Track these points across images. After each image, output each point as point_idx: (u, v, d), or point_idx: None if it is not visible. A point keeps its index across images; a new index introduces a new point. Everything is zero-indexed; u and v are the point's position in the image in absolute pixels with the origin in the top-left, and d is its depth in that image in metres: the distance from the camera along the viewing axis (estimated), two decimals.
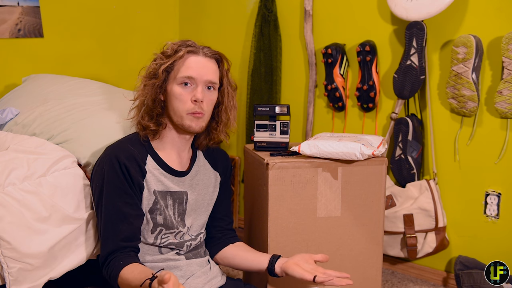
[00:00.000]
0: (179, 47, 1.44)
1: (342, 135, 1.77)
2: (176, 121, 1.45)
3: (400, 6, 2.14)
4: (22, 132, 1.75)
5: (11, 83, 2.25)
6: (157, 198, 1.44)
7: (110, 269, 1.35)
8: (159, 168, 1.46)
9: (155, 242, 1.46)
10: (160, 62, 1.43)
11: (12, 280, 1.33)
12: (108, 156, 1.42)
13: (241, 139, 2.89)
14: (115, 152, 1.42)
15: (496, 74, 2.07)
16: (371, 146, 1.63)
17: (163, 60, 1.43)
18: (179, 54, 1.42)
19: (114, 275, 1.33)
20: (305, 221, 1.68)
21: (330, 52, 2.39)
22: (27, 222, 1.36)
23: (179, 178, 1.50)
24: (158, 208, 1.44)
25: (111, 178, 1.39)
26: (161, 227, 1.45)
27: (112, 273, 1.34)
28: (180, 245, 1.49)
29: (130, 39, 2.79)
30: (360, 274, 1.74)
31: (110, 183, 1.39)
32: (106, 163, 1.41)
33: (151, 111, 1.45)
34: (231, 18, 2.86)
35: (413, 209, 2.21)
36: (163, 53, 1.45)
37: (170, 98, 1.44)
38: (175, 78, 1.43)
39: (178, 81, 1.43)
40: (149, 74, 1.45)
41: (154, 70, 1.44)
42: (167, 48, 1.46)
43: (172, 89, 1.43)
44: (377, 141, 1.73)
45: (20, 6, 2.25)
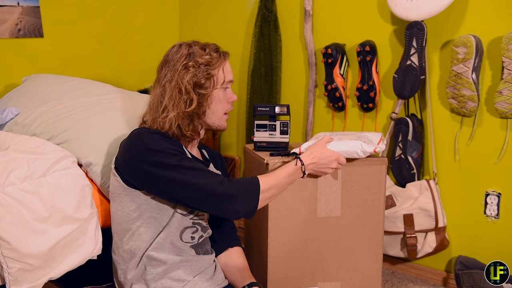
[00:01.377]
0: (217, 53, 1.47)
1: (341, 134, 1.77)
2: (213, 123, 1.49)
3: (400, 6, 2.14)
4: (22, 132, 1.75)
5: (11, 83, 2.25)
6: None
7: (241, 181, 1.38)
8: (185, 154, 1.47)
9: (189, 214, 1.45)
10: (206, 70, 1.43)
11: (12, 280, 1.33)
12: (146, 138, 1.38)
13: (241, 139, 2.89)
14: (146, 133, 1.39)
15: (496, 74, 2.07)
16: (371, 143, 1.63)
17: (210, 67, 1.44)
18: (221, 60, 1.47)
19: (254, 181, 1.38)
20: (305, 221, 1.68)
21: (330, 52, 2.39)
22: (27, 222, 1.36)
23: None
24: None
25: (165, 146, 1.35)
26: None
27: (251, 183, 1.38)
28: (204, 229, 1.50)
29: (130, 39, 2.79)
30: (360, 274, 1.74)
31: (169, 149, 1.35)
32: (150, 142, 1.36)
33: (193, 119, 1.45)
34: (231, 18, 2.86)
35: (413, 209, 2.21)
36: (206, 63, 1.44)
37: (212, 102, 1.46)
38: (218, 83, 1.46)
39: (223, 86, 1.47)
40: (195, 83, 1.43)
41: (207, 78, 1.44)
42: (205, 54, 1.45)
43: (218, 93, 1.47)
44: (377, 137, 1.72)
45: (20, 6, 2.25)
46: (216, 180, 1.35)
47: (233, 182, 1.37)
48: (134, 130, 1.45)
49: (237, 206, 1.37)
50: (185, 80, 1.42)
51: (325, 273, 1.72)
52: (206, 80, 1.44)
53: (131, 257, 1.43)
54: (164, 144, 1.36)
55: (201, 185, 1.34)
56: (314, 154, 1.51)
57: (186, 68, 1.43)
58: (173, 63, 1.45)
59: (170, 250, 1.43)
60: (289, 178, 1.47)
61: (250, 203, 1.37)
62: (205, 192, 1.34)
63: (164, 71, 1.46)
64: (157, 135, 1.38)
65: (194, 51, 1.45)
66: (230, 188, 1.35)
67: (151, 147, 1.35)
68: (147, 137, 1.38)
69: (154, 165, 1.34)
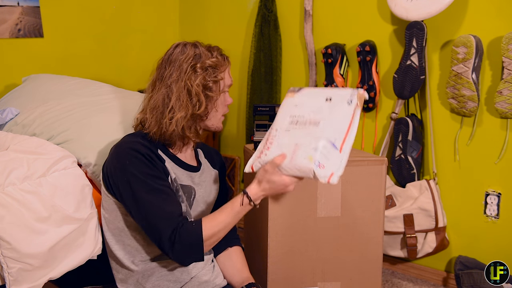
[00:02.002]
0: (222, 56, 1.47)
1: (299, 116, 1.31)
2: (212, 125, 1.49)
3: (400, 6, 2.14)
4: (22, 132, 1.75)
5: (11, 83, 2.25)
6: (177, 186, 1.44)
7: (185, 241, 1.31)
8: (171, 162, 1.45)
9: None
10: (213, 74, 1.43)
11: (12, 280, 1.33)
12: (125, 150, 1.38)
13: (241, 139, 2.89)
14: (129, 145, 1.38)
15: (496, 74, 2.07)
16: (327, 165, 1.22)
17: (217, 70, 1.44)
18: (225, 63, 1.47)
19: (196, 242, 1.31)
20: (305, 221, 1.68)
21: (330, 52, 2.39)
22: (27, 222, 1.36)
23: (189, 173, 1.50)
24: (180, 195, 1.44)
25: (139, 168, 1.35)
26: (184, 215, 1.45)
27: (193, 242, 1.31)
28: None
29: (130, 39, 2.79)
30: (360, 274, 1.74)
31: (140, 173, 1.35)
32: (126, 157, 1.36)
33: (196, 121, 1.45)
34: (231, 18, 2.86)
35: (413, 209, 2.21)
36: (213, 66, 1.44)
37: (215, 105, 1.46)
38: (224, 86, 1.47)
39: (223, 89, 1.47)
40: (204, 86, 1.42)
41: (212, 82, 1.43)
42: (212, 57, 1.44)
43: (221, 96, 1.47)
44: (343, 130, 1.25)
45: (20, 6, 2.25)
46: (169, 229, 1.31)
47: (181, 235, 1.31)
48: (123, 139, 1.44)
49: (182, 258, 1.35)
50: (195, 82, 1.40)
51: (325, 273, 1.72)
52: (214, 84, 1.43)
53: (124, 263, 1.45)
54: (140, 167, 1.35)
55: (154, 227, 1.33)
56: (263, 184, 1.30)
57: (194, 70, 1.41)
58: (178, 63, 1.42)
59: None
60: (237, 217, 1.35)
61: (194, 255, 1.34)
62: (156, 234, 1.33)
63: (169, 71, 1.42)
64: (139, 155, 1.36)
65: (201, 52, 1.43)
66: (175, 243, 1.31)
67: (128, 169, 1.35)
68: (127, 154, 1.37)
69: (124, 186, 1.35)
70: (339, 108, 1.27)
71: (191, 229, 1.31)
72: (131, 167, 1.34)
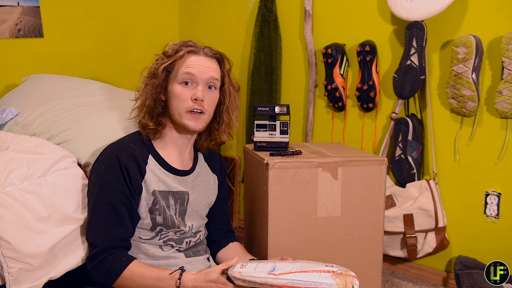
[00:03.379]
0: (180, 47, 1.45)
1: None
2: (176, 120, 1.46)
3: (400, 6, 2.14)
4: (22, 132, 1.75)
5: (11, 83, 2.25)
6: (156, 199, 1.43)
7: (107, 264, 1.34)
8: (161, 168, 1.46)
9: (154, 238, 1.46)
10: (161, 61, 1.45)
11: (12, 280, 1.33)
12: (108, 155, 1.42)
13: (241, 139, 2.89)
14: (115, 151, 1.42)
15: (496, 74, 2.07)
16: None
17: (164, 59, 1.45)
18: (179, 54, 1.44)
19: (115, 271, 1.33)
20: (305, 221, 1.68)
21: (330, 52, 2.39)
22: (27, 222, 1.36)
23: (181, 177, 1.50)
24: (157, 208, 1.44)
25: (110, 178, 1.39)
26: (160, 227, 1.45)
27: (113, 269, 1.33)
28: (179, 241, 1.49)
29: (130, 39, 2.79)
30: (360, 274, 1.73)
31: (109, 183, 1.39)
32: (105, 162, 1.41)
33: (152, 110, 1.46)
34: (231, 18, 2.86)
35: (413, 209, 2.21)
36: (164, 53, 1.47)
37: (170, 98, 1.45)
38: (176, 77, 1.44)
39: (178, 80, 1.43)
40: (150, 74, 1.46)
41: (155, 69, 1.45)
42: (168, 49, 1.47)
43: (173, 88, 1.44)
44: None
45: (20, 6, 2.25)
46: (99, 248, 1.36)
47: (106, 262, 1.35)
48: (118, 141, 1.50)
49: (93, 276, 1.39)
50: (147, 72, 1.48)
51: None
52: (158, 71, 1.44)
53: None
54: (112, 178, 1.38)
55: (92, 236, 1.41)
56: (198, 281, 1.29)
57: (155, 61, 1.47)
58: None
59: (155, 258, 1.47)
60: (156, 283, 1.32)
61: (105, 281, 1.37)
62: (89, 242, 1.42)
63: None
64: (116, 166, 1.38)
65: (169, 45, 1.48)
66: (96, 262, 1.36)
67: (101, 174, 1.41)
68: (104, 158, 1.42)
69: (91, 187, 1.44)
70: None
71: (117, 261, 1.34)
72: (104, 174, 1.39)
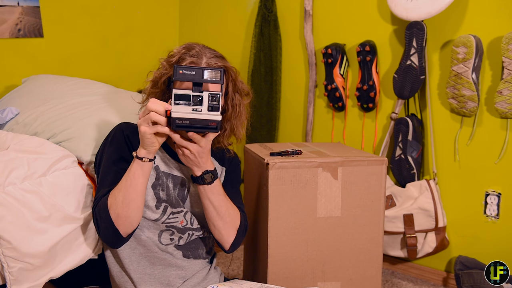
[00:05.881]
0: (183, 56, 1.39)
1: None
2: None
3: (400, 6, 2.14)
4: (24, 131, 1.75)
5: (11, 84, 2.25)
6: (159, 174, 1.45)
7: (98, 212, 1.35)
8: (164, 152, 1.48)
9: (161, 218, 1.44)
10: (163, 71, 1.41)
11: (13, 280, 1.33)
12: (114, 129, 1.48)
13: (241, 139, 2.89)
14: (121, 126, 1.48)
15: (496, 74, 2.07)
16: None
17: (166, 70, 1.40)
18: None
19: (103, 208, 1.34)
20: (305, 221, 1.68)
21: (330, 52, 2.39)
22: (27, 221, 1.36)
23: (180, 164, 1.49)
24: (160, 184, 1.44)
25: (114, 144, 1.44)
26: (165, 204, 1.44)
27: (101, 209, 1.34)
28: (182, 231, 1.47)
29: (130, 39, 2.79)
30: (360, 274, 1.74)
31: (112, 149, 1.44)
32: (111, 133, 1.47)
33: None
34: (231, 18, 2.86)
35: (413, 209, 2.21)
36: (167, 61, 1.41)
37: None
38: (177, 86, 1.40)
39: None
40: (153, 82, 1.44)
41: (156, 78, 1.43)
42: (172, 56, 1.41)
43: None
44: None
45: (20, 6, 2.25)
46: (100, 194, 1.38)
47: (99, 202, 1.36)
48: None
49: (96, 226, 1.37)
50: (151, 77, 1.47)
51: (325, 273, 1.72)
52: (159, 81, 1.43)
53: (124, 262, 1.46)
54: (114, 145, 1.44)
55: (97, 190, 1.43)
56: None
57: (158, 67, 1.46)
58: None
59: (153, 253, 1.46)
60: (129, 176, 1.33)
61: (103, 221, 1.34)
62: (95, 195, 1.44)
63: None
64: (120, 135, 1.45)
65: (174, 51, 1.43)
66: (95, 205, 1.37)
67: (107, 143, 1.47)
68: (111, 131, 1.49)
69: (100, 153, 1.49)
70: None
71: (100, 204, 1.36)
72: (110, 143, 1.45)
